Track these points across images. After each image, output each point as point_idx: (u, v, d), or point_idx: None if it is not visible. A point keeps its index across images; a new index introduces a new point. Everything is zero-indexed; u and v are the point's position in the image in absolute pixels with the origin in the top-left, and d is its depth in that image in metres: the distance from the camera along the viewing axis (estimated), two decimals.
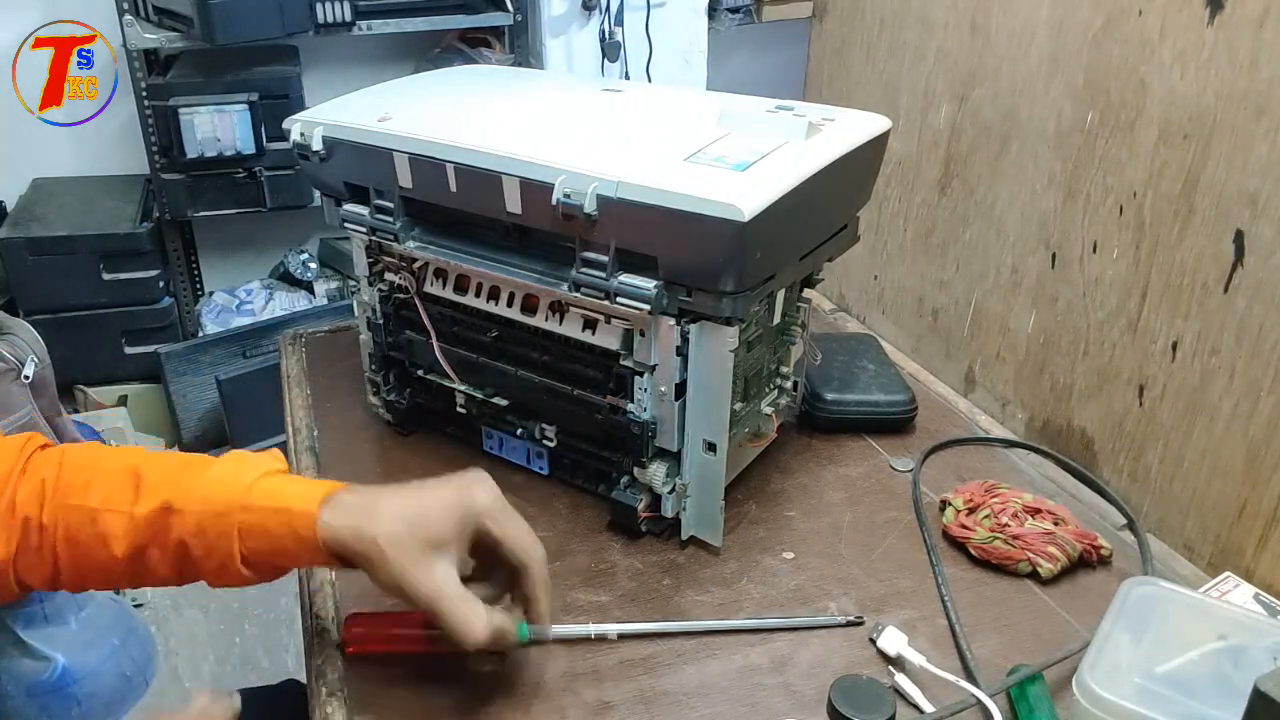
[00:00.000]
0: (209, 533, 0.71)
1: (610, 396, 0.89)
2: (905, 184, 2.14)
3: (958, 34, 1.90)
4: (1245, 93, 1.32)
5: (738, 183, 0.76)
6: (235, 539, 0.71)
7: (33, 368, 1.58)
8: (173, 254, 2.54)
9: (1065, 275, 1.69)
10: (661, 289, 0.80)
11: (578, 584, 0.87)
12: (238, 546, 0.71)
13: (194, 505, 0.71)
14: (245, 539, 0.71)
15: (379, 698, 0.76)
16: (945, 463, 1.05)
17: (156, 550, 0.72)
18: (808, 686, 0.77)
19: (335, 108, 0.99)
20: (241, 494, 0.72)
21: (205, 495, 0.72)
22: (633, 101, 1.02)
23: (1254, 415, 1.34)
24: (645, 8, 2.47)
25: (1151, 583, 0.76)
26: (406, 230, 0.94)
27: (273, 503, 0.71)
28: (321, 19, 2.26)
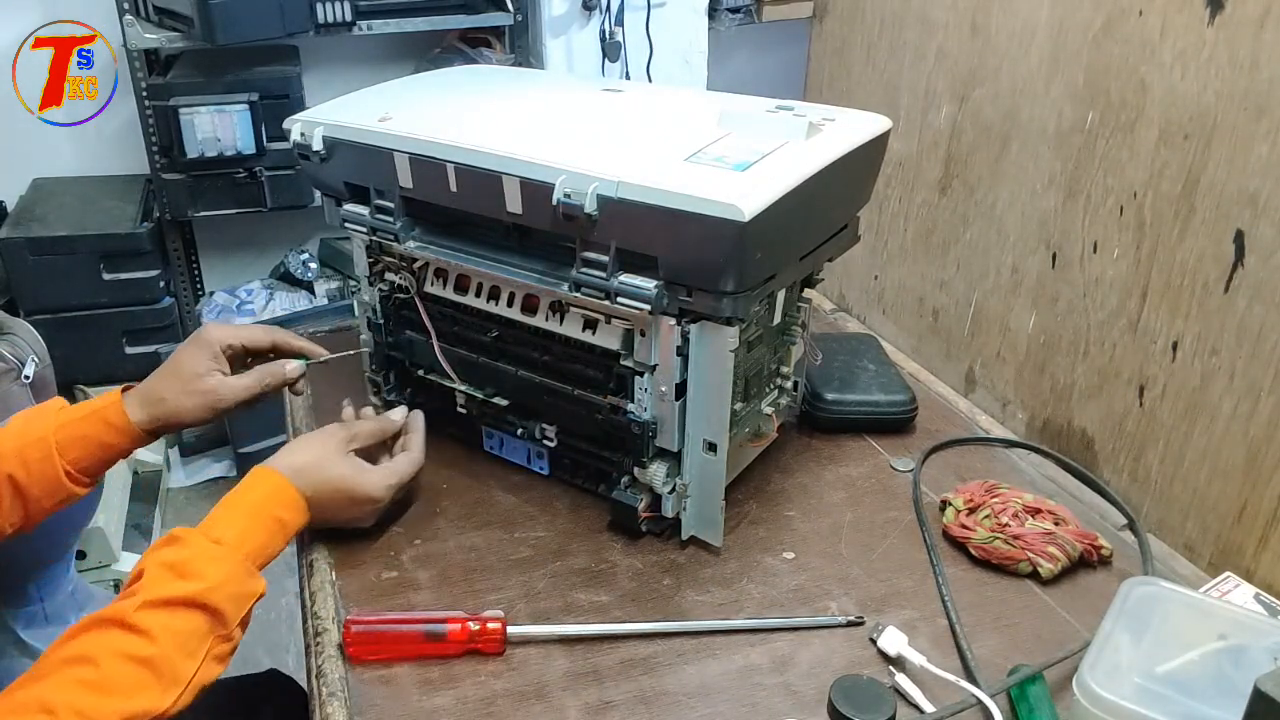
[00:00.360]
0: (31, 458, 0.86)
1: (611, 396, 0.89)
2: (906, 184, 2.14)
3: (958, 34, 1.90)
4: (1246, 93, 1.32)
5: (738, 183, 0.76)
6: (56, 456, 0.87)
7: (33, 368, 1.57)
8: (173, 254, 2.53)
9: (1066, 275, 1.69)
10: (662, 289, 0.80)
11: (578, 584, 0.87)
12: (59, 463, 0.87)
13: (11, 442, 0.86)
14: (64, 452, 0.87)
15: (379, 698, 0.76)
16: (946, 463, 1.05)
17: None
18: (808, 686, 0.77)
19: (336, 108, 0.99)
20: (50, 420, 0.88)
21: (18, 431, 0.87)
22: (633, 101, 1.02)
23: (1254, 415, 1.34)
24: (646, 8, 2.47)
25: (1152, 583, 0.76)
26: (407, 230, 0.94)
27: (79, 413, 0.89)
28: (322, 19, 2.26)
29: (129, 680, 0.69)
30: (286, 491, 0.84)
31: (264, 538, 0.81)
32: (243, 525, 0.80)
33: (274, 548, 0.82)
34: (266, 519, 0.82)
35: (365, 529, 0.92)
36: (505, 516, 0.95)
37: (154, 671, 0.70)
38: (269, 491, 0.84)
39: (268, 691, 1.09)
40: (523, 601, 0.85)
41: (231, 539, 0.78)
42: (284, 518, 0.83)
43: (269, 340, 0.99)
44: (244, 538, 0.79)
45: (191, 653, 0.72)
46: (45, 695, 0.67)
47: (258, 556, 0.80)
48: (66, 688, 0.68)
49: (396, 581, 0.87)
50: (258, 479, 0.85)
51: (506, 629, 0.79)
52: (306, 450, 0.88)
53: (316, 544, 0.91)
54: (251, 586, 0.78)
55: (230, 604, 0.75)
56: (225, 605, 0.75)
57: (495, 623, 0.79)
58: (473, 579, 0.87)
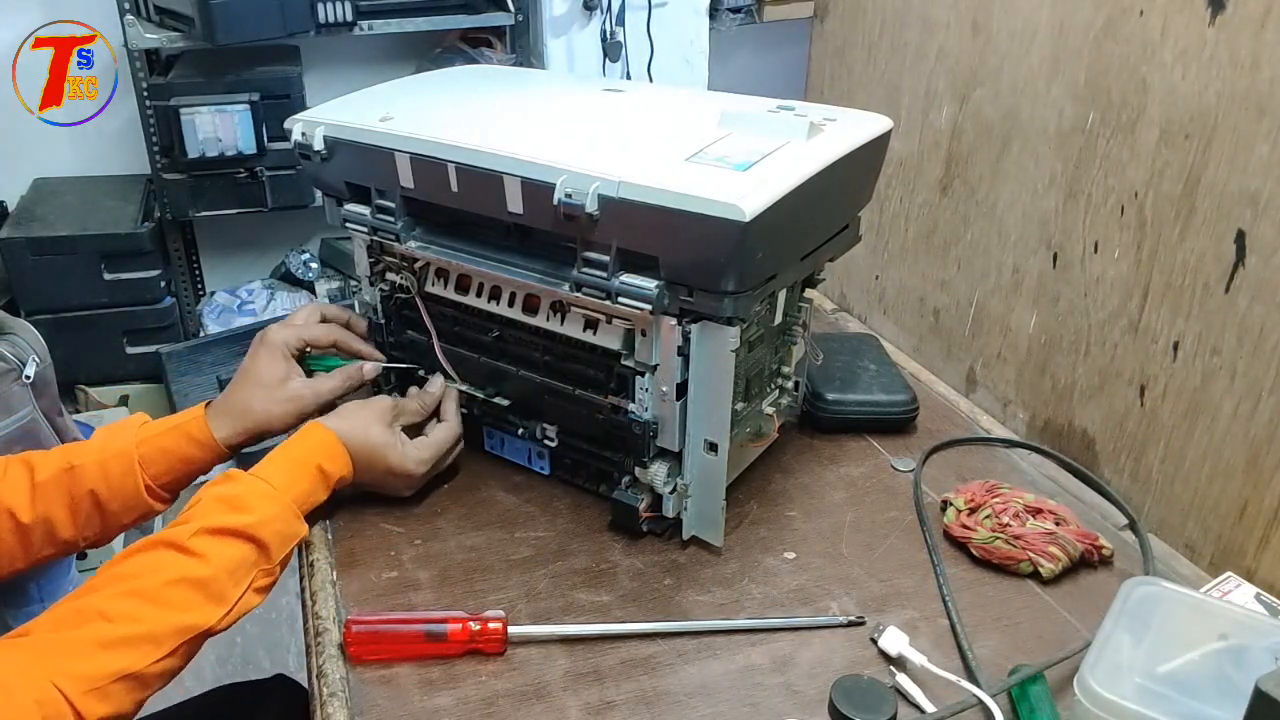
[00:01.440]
0: (112, 472, 0.89)
1: (612, 396, 0.89)
2: (906, 184, 2.14)
3: (959, 34, 1.90)
4: (1247, 93, 1.32)
5: (739, 183, 0.75)
6: (138, 469, 0.89)
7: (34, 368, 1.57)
8: (174, 254, 2.54)
9: (1066, 275, 1.69)
10: (663, 289, 0.80)
11: (579, 584, 0.87)
12: (141, 477, 0.89)
13: (92, 455, 0.89)
14: (146, 466, 0.90)
15: (380, 698, 0.76)
16: (946, 463, 1.05)
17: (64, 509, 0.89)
18: (809, 686, 0.77)
19: (337, 107, 0.99)
20: (131, 434, 0.91)
21: (99, 445, 0.90)
22: (634, 101, 1.02)
23: (1255, 415, 1.34)
24: (646, 8, 2.47)
25: (1153, 583, 0.76)
26: (408, 230, 0.94)
27: (162, 428, 0.92)
28: (323, 19, 2.26)
29: (182, 596, 0.75)
30: (332, 444, 0.89)
31: (308, 485, 0.87)
32: (291, 472, 0.86)
33: (317, 495, 0.88)
34: (310, 468, 0.87)
35: (357, 544, 0.92)
36: (506, 516, 0.96)
37: (205, 591, 0.76)
38: (316, 443, 0.89)
39: (272, 694, 1.09)
40: (523, 601, 0.85)
41: (280, 482, 0.84)
42: (327, 468, 0.88)
43: (330, 340, 1.02)
44: (291, 483, 0.85)
45: (239, 580, 0.78)
46: (102, 605, 0.73)
47: (302, 501, 0.85)
48: (123, 598, 0.74)
49: (397, 581, 0.87)
50: (306, 432, 0.90)
51: (507, 629, 0.79)
52: (354, 414, 0.92)
53: (317, 544, 0.91)
54: (295, 528, 0.84)
55: (276, 540, 0.81)
56: (271, 540, 0.81)
57: (496, 623, 0.79)
58: (473, 579, 0.87)
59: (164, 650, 0.73)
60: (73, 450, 0.91)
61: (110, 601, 0.73)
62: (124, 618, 0.72)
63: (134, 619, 0.73)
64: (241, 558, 0.79)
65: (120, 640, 0.72)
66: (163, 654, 0.73)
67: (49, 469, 0.89)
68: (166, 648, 0.74)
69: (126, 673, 0.71)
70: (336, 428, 0.90)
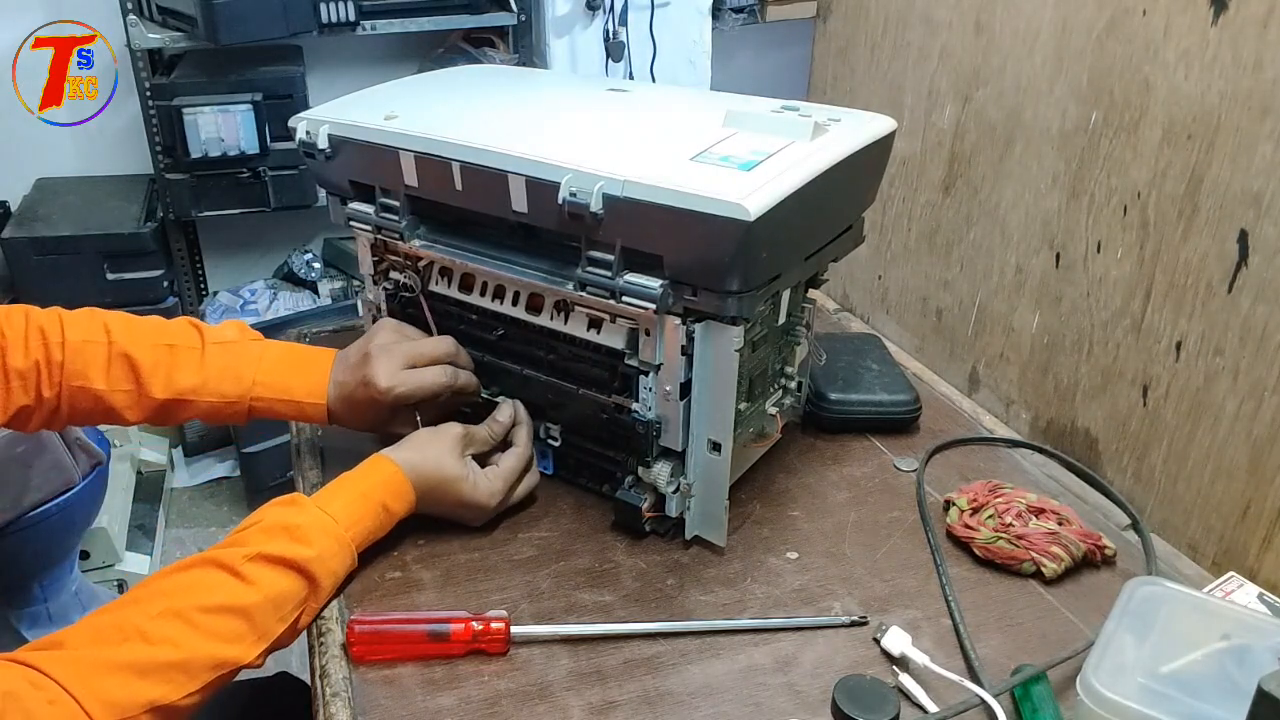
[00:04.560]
0: (223, 414, 0.92)
1: (615, 396, 0.89)
2: (909, 184, 2.14)
3: (962, 34, 1.90)
4: (1249, 93, 1.32)
5: (743, 182, 0.76)
6: (246, 416, 0.93)
7: None
8: (177, 254, 2.54)
9: (1069, 275, 1.69)
10: (667, 288, 0.80)
11: (582, 584, 0.87)
12: (247, 418, 0.93)
13: (207, 397, 0.91)
14: (255, 414, 0.93)
15: (382, 698, 0.76)
16: (949, 463, 1.05)
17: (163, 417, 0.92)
18: (812, 686, 0.77)
19: (340, 106, 0.99)
20: (249, 388, 0.92)
21: (216, 390, 0.91)
22: (638, 101, 1.02)
23: (1258, 415, 1.34)
24: (649, 8, 2.47)
25: (1156, 583, 0.76)
26: (412, 229, 0.94)
27: (280, 395, 0.93)
28: (325, 19, 2.26)
29: (225, 626, 0.73)
30: (398, 482, 0.86)
31: (370, 523, 0.84)
32: (356, 508, 0.83)
33: (377, 533, 0.86)
34: (375, 505, 0.85)
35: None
36: (509, 516, 0.95)
37: (249, 623, 0.74)
38: (382, 479, 0.86)
39: (275, 693, 1.09)
40: (526, 601, 0.85)
41: (344, 517, 0.82)
42: (391, 506, 0.86)
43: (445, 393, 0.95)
44: (355, 520, 0.83)
45: (284, 615, 0.76)
46: (144, 623, 0.70)
47: (362, 540, 0.84)
48: (165, 619, 0.71)
49: (400, 581, 0.87)
50: (373, 466, 0.87)
51: (510, 629, 0.79)
52: (424, 446, 0.89)
53: None
54: (347, 567, 0.83)
55: (328, 579, 0.80)
56: (324, 578, 0.79)
57: (499, 623, 0.79)
58: (476, 579, 0.87)
59: (196, 684, 0.71)
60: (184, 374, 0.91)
61: (153, 621, 0.71)
62: (164, 640, 0.70)
63: (173, 643, 0.70)
64: (291, 592, 0.77)
65: (156, 667, 0.69)
66: (194, 688, 0.71)
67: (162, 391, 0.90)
68: (199, 681, 0.71)
69: (157, 705, 0.69)
70: (404, 460, 0.87)
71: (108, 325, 0.92)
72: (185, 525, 2.40)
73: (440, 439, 0.90)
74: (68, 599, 1.68)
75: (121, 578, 2.05)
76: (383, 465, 0.87)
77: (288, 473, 1.04)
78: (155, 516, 2.30)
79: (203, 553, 0.76)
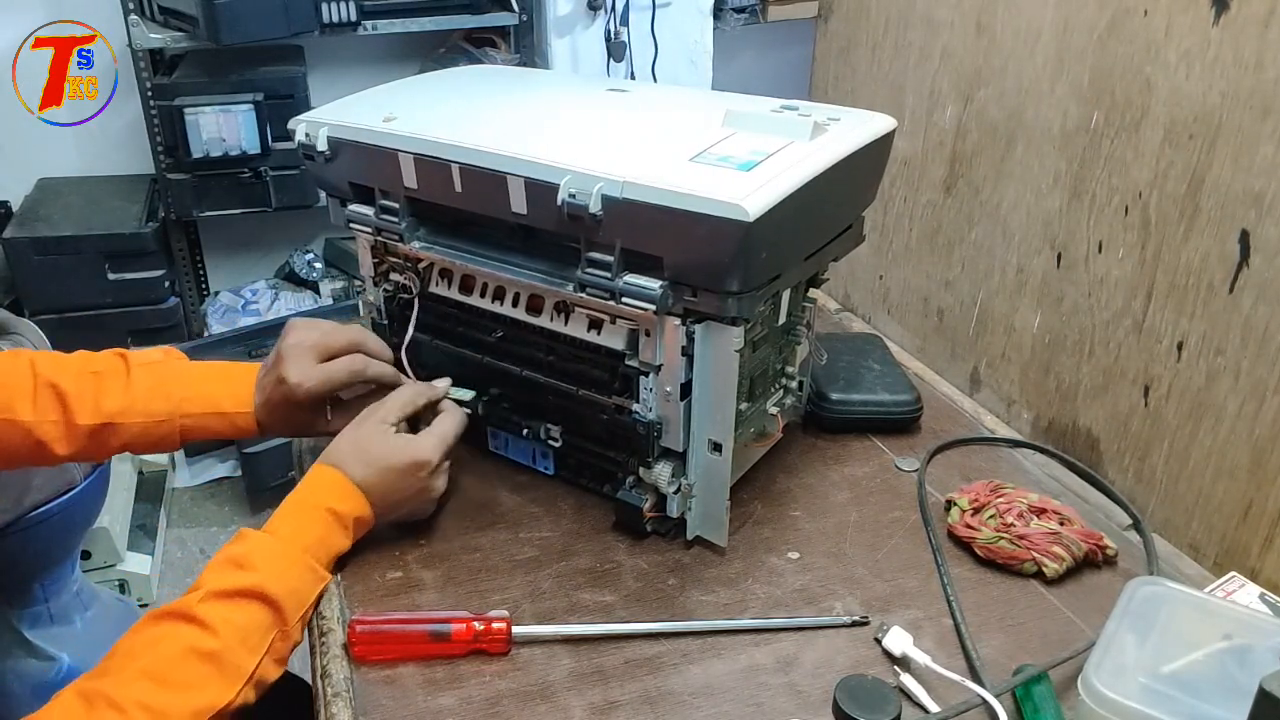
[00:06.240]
0: (153, 436, 0.91)
1: (616, 396, 0.89)
2: (911, 184, 2.14)
3: (963, 34, 1.90)
4: (1251, 93, 1.32)
5: (743, 183, 0.75)
6: (179, 438, 0.91)
7: None
8: (178, 254, 2.54)
9: (1070, 275, 1.69)
10: (667, 289, 0.80)
11: (583, 584, 0.87)
12: (179, 440, 0.92)
13: (136, 418, 0.90)
14: (187, 435, 0.92)
15: (384, 698, 0.76)
16: (950, 463, 1.05)
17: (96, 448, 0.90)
18: (813, 686, 0.77)
19: (340, 108, 0.99)
20: (178, 404, 0.91)
21: (144, 409, 0.90)
22: (638, 101, 1.02)
23: (1259, 415, 1.34)
24: (651, 8, 2.47)
25: (1157, 582, 0.75)
26: (412, 230, 0.94)
27: (209, 409, 0.92)
28: (327, 19, 2.26)
29: (194, 674, 0.71)
30: (336, 481, 0.84)
31: (319, 530, 0.82)
32: (297, 519, 0.82)
33: (333, 540, 0.83)
34: (317, 511, 0.83)
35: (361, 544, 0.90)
36: (510, 516, 0.96)
37: (218, 665, 0.72)
38: (320, 484, 0.84)
39: (276, 692, 1.09)
40: (527, 601, 0.85)
41: (286, 533, 0.80)
42: (337, 508, 0.83)
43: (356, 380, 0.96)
44: (298, 531, 0.81)
45: (253, 647, 0.74)
46: (113, 692, 0.68)
47: (316, 549, 0.81)
48: (134, 683, 0.69)
49: (401, 582, 0.87)
50: (310, 475, 0.85)
51: (511, 629, 0.79)
52: (349, 437, 0.88)
53: None
54: (310, 580, 0.79)
55: (289, 597, 0.77)
56: (284, 598, 0.76)
57: (500, 623, 0.79)
58: (478, 579, 0.87)
59: None
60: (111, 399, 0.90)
61: (121, 687, 0.69)
62: (136, 705, 0.68)
63: (145, 706, 0.68)
64: (253, 622, 0.75)
65: None
66: None
67: (88, 417, 0.89)
68: None
69: None
70: (334, 458, 0.86)
71: (33, 360, 0.91)
72: (186, 525, 2.40)
73: (360, 424, 0.89)
74: (69, 599, 1.68)
75: (123, 578, 2.05)
76: (317, 471, 0.86)
77: (289, 473, 1.04)
78: (157, 516, 2.30)
79: (156, 609, 0.74)
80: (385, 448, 0.87)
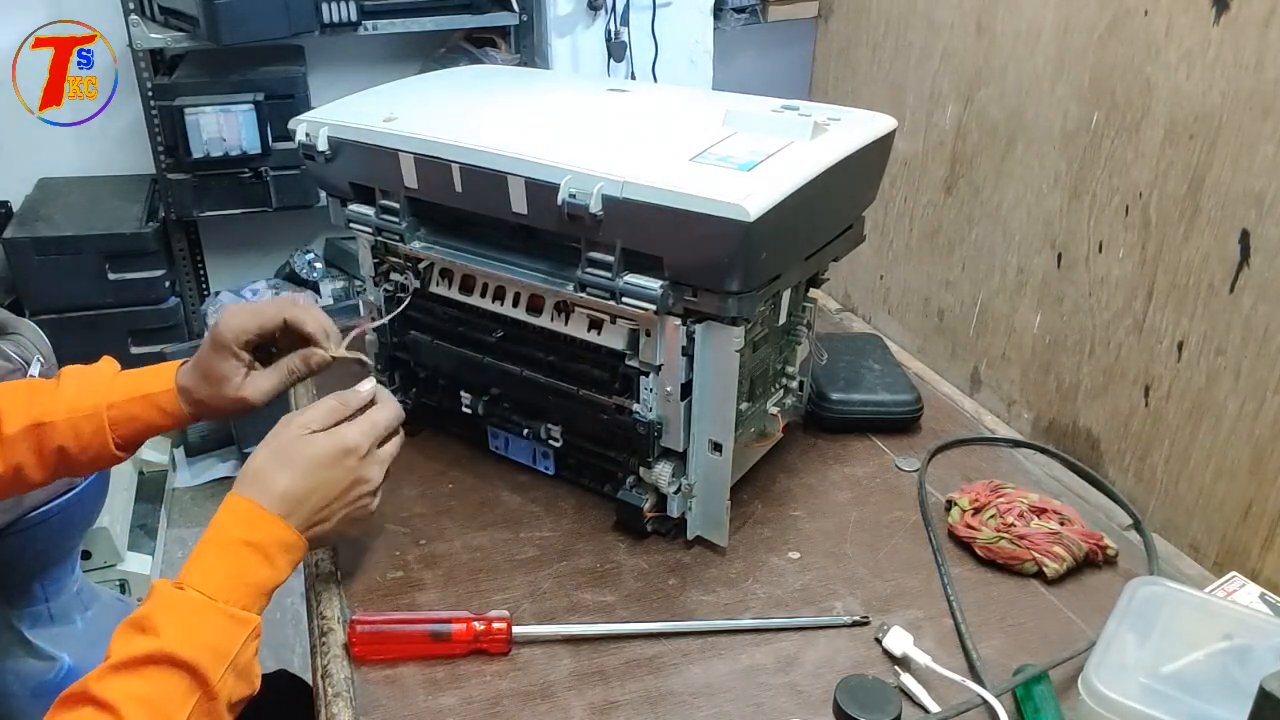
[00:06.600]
0: (83, 431, 0.88)
1: (616, 397, 0.89)
2: (911, 184, 2.14)
3: (963, 34, 1.90)
4: (1251, 93, 1.32)
5: (743, 183, 0.76)
6: (108, 430, 0.89)
7: (38, 367, 1.58)
8: (178, 254, 2.54)
9: (1071, 275, 1.69)
10: (667, 289, 0.80)
11: (584, 584, 0.87)
12: (110, 437, 0.89)
13: (63, 414, 0.88)
14: (115, 428, 0.89)
15: (384, 698, 0.76)
16: (951, 463, 1.05)
17: (33, 458, 0.88)
18: (813, 686, 0.77)
19: (340, 108, 0.99)
20: (102, 395, 0.89)
21: (70, 404, 0.88)
22: (638, 101, 1.02)
23: (1260, 415, 1.34)
24: (651, 8, 2.47)
25: (1157, 583, 0.76)
26: (412, 230, 0.94)
27: (133, 392, 0.90)
28: (327, 19, 2.26)
29: None
30: (245, 510, 0.74)
31: (231, 566, 0.72)
32: (206, 561, 0.72)
33: (254, 575, 0.72)
34: (229, 545, 0.73)
35: (361, 544, 0.91)
36: (511, 516, 0.96)
37: None
38: (228, 517, 0.74)
39: (276, 692, 1.09)
40: (528, 601, 0.85)
41: (195, 579, 0.70)
42: (251, 538, 0.73)
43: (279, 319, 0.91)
44: (207, 575, 0.70)
45: (168, 716, 0.64)
46: None
47: (233, 592, 0.70)
48: None
49: (402, 581, 0.87)
50: (222, 505, 0.76)
51: (512, 629, 0.79)
52: (261, 451, 0.79)
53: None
54: (228, 630, 0.69)
55: (204, 655, 0.66)
56: (197, 658, 0.66)
57: (500, 623, 0.79)
58: (478, 579, 0.87)
59: None
60: (40, 402, 0.88)
61: None
62: None
63: None
64: (162, 692, 0.65)
65: None
66: None
67: (17, 423, 0.87)
68: None
69: None
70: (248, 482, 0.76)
71: None
72: (187, 525, 2.40)
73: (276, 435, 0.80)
74: (69, 599, 1.68)
75: (123, 578, 2.05)
76: (225, 504, 0.76)
77: None
78: (157, 516, 2.30)
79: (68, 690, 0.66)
80: (307, 447, 0.78)
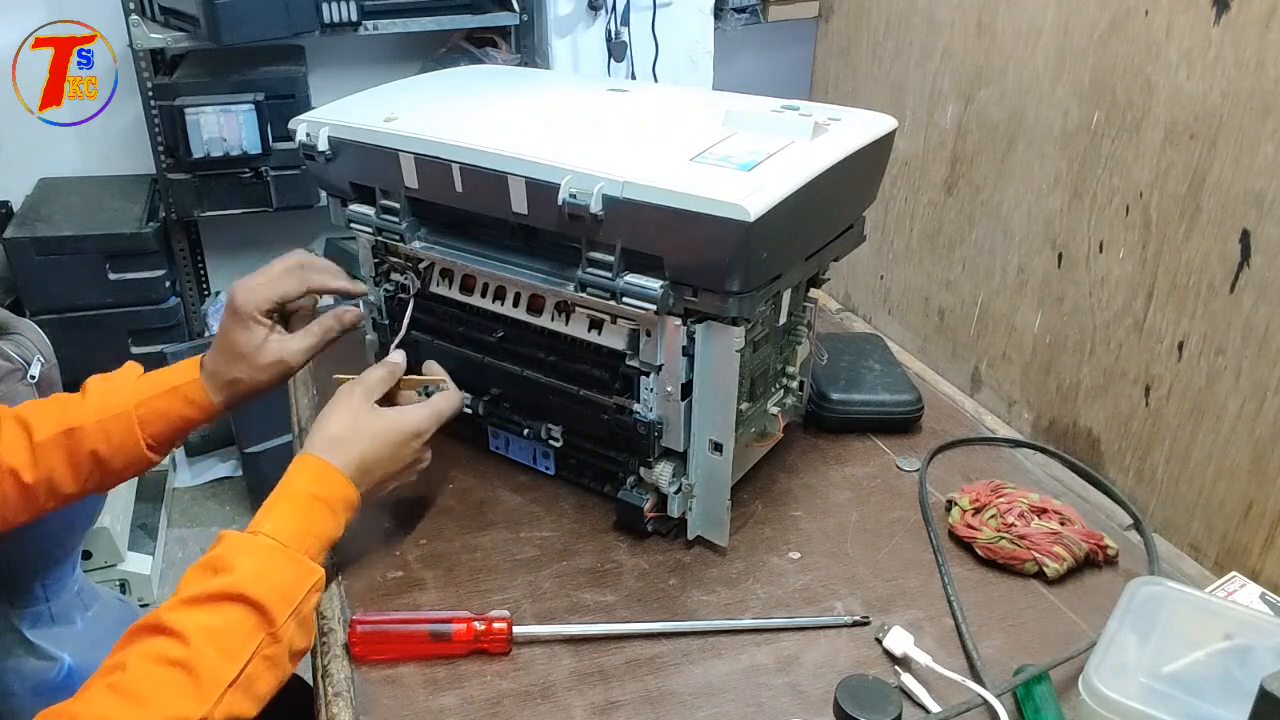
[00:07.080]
0: (113, 432, 0.89)
1: (616, 397, 0.89)
2: (911, 184, 2.14)
3: (964, 34, 1.90)
4: (1251, 93, 1.32)
5: (744, 183, 0.76)
6: (138, 430, 0.89)
7: (39, 367, 1.58)
8: (179, 254, 2.54)
9: (1071, 275, 1.69)
10: (667, 289, 0.80)
11: (584, 584, 0.87)
12: (141, 437, 0.89)
13: (92, 416, 0.88)
14: (145, 426, 0.90)
15: (385, 698, 0.76)
16: (951, 462, 1.05)
17: (65, 466, 0.88)
18: (814, 686, 0.77)
19: (341, 108, 0.99)
20: (129, 395, 0.90)
21: (98, 405, 0.89)
22: (639, 101, 1.02)
23: (1260, 415, 1.34)
24: (651, 7, 2.47)
25: (1158, 583, 0.75)
26: (412, 230, 0.94)
27: (159, 388, 0.91)
28: (328, 19, 2.26)
29: (160, 685, 0.66)
30: (318, 467, 0.81)
31: (302, 518, 0.78)
32: (279, 512, 0.78)
33: (322, 527, 0.79)
34: (301, 498, 0.79)
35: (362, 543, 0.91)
36: (511, 516, 0.96)
37: (189, 674, 0.67)
38: (300, 472, 0.81)
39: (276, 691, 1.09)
40: (528, 601, 0.85)
41: (268, 528, 0.76)
42: (322, 494, 0.79)
43: (303, 288, 0.94)
44: (280, 524, 0.76)
45: (232, 653, 0.69)
46: (76, 709, 0.65)
47: (303, 541, 0.76)
48: (97, 700, 0.66)
49: (402, 581, 0.87)
50: (293, 464, 0.82)
51: (512, 629, 0.79)
52: (333, 418, 0.84)
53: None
54: (298, 576, 0.74)
55: (273, 595, 0.71)
56: (266, 596, 0.71)
57: (501, 623, 0.79)
58: (478, 579, 0.88)
59: None
60: (69, 409, 0.89)
61: (85, 705, 0.65)
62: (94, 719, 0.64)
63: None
64: (229, 625, 0.69)
65: None
66: None
67: (47, 429, 0.87)
68: None
69: None
70: (321, 442, 0.83)
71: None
72: (187, 525, 2.40)
73: (344, 402, 0.86)
74: (69, 599, 1.68)
75: (123, 577, 2.05)
76: (299, 460, 0.82)
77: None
78: (157, 516, 2.30)
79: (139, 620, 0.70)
80: (379, 422, 0.84)
